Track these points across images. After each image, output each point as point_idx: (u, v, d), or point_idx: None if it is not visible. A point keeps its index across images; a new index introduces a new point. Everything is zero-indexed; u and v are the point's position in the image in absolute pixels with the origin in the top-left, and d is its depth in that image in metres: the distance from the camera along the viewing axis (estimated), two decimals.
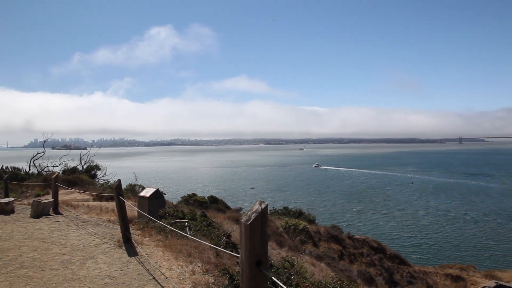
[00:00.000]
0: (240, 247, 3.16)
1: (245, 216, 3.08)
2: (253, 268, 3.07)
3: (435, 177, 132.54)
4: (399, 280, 23.82)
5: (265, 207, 3.07)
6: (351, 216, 67.55)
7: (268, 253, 3.23)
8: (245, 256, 3.07)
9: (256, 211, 3.04)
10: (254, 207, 3.10)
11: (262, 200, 3.12)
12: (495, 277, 23.90)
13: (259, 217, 3.01)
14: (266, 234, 3.05)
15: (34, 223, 10.74)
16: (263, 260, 3.08)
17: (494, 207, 74.04)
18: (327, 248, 21.50)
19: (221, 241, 7.32)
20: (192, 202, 26.25)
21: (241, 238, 3.09)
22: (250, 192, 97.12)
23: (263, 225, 3.04)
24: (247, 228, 3.00)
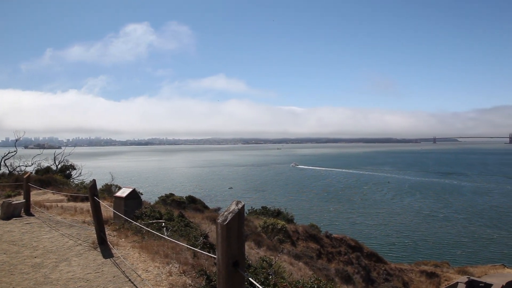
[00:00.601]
0: (216, 248, 3.12)
1: (221, 217, 3.04)
2: (230, 269, 3.03)
3: (411, 176, 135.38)
4: (376, 277, 24.16)
5: (242, 207, 3.04)
6: (329, 215, 68.28)
7: (245, 254, 3.20)
8: (222, 257, 3.03)
9: (233, 211, 3.01)
10: (231, 207, 3.07)
11: (238, 200, 3.09)
12: (467, 272, 24.56)
13: (236, 218, 2.98)
14: (243, 234, 3.02)
15: (4, 225, 10.36)
16: (240, 260, 3.05)
17: (467, 206, 76.19)
18: (305, 247, 21.63)
19: (198, 241, 7.25)
20: (170, 202, 25.96)
21: (218, 239, 3.06)
22: (228, 192, 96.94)
23: (240, 225, 3.01)
24: (223, 228, 2.96)
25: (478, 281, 20.06)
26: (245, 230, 18.59)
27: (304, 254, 17.26)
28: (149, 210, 11.09)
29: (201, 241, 7.20)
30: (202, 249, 6.73)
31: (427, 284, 25.63)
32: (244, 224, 11.70)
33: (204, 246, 6.99)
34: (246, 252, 11.92)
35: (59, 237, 9.00)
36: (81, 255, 7.51)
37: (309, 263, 15.78)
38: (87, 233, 9.35)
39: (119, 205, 10.80)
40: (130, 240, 8.44)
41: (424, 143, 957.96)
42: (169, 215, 11.32)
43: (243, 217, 3.08)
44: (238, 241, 3.04)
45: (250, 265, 5.90)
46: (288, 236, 21.25)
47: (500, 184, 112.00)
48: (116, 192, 12.00)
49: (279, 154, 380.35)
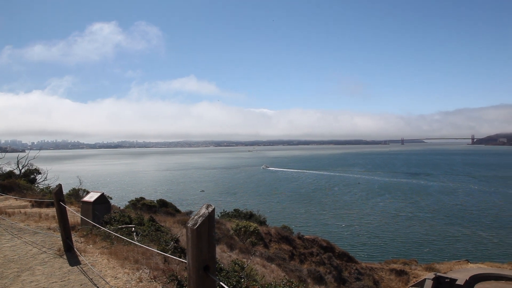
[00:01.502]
0: (187, 252, 3.05)
1: (191, 221, 2.98)
2: (200, 273, 2.97)
3: (380, 177, 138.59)
4: (348, 277, 24.49)
5: (212, 210, 2.99)
6: (301, 216, 68.87)
7: (216, 258, 3.15)
8: (192, 261, 2.97)
9: (203, 215, 2.95)
10: (201, 211, 3.01)
11: (209, 203, 3.04)
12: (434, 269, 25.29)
13: (206, 221, 2.93)
14: (213, 238, 2.97)
15: None
16: (211, 265, 3.00)
17: (434, 205, 78.70)
18: (278, 249, 21.69)
19: (169, 246, 7.12)
20: (140, 206, 25.47)
21: (188, 243, 2.99)
22: (200, 195, 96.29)
23: (210, 229, 2.96)
24: (193, 232, 2.90)
25: (444, 276, 20.78)
26: (217, 233, 18.40)
27: (277, 256, 17.30)
28: (118, 214, 10.82)
29: (171, 246, 7.08)
30: (173, 254, 6.62)
31: (397, 281, 26.22)
32: (216, 227, 11.63)
33: (175, 251, 6.87)
34: (218, 256, 11.83)
35: (21, 245, 8.63)
36: (46, 263, 7.22)
37: (282, 264, 15.82)
38: (52, 240, 9.01)
39: (87, 210, 10.47)
40: (98, 246, 8.20)
41: (393, 145, 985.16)
42: (139, 219, 11.09)
43: (214, 220, 3.03)
44: (209, 245, 2.99)
45: (222, 269, 5.84)
46: (260, 238, 21.25)
47: (464, 184, 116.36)
48: (84, 197, 11.63)
49: (251, 156, 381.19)
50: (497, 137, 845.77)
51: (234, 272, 5.91)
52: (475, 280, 21.35)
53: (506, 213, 69.54)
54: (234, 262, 6.48)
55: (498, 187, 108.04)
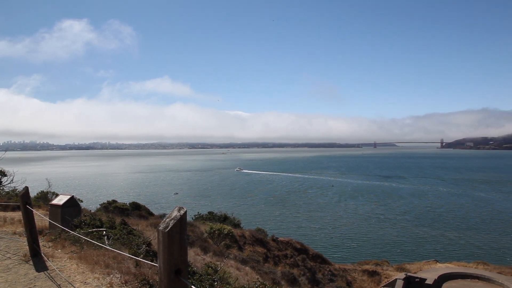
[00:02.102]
0: (158, 256, 3.00)
1: (163, 223, 2.93)
2: (172, 277, 2.93)
3: (353, 180, 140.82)
4: (321, 278, 24.70)
5: (184, 213, 2.95)
6: (275, 219, 69.11)
7: (187, 261, 3.11)
8: (163, 265, 2.92)
9: (175, 217, 2.91)
10: (173, 213, 2.97)
11: (181, 206, 2.99)
12: (405, 269, 25.86)
13: (178, 224, 2.89)
14: (185, 241, 2.93)
15: None
16: (183, 268, 2.96)
17: (405, 207, 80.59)
18: (252, 252, 21.66)
19: (140, 249, 6.98)
20: (112, 209, 24.95)
21: (159, 247, 2.94)
22: (173, 198, 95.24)
23: (182, 232, 2.92)
24: (165, 235, 2.85)
25: (414, 276, 21.30)
26: (191, 236, 18.21)
27: (251, 259, 17.28)
28: (89, 218, 10.54)
29: (143, 249, 6.95)
30: (145, 258, 6.50)
31: (369, 282, 26.64)
32: (190, 230, 11.55)
33: (147, 254, 6.75)
34: (192, 259, 11.71)
35: None
36: (10, 269, 6.94)
37: (256, 267, 15.81)
38: (18, 245, 8.67)
39: (56, 214, 10.15)
40: (67, 251, 7.96)
41: (366, 148, 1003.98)
42: (110, 222, 10.84)
43: (186, 223, 2.99)
44: (181, 248, 2.95)
45: (195, 272, 5.78)
46: (235, 241, 21.18)
47: (434, 186, 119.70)
48: (53, 200, 11.26)
49: (225, 159, 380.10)
50: (464, 141, 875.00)
51: (207, 275, 5.86)
52: (443, 279, 21.99)
53: (473, 215, 71.99)
54: (207, 265, 6.42)
55: (465, 189, 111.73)
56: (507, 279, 21.39)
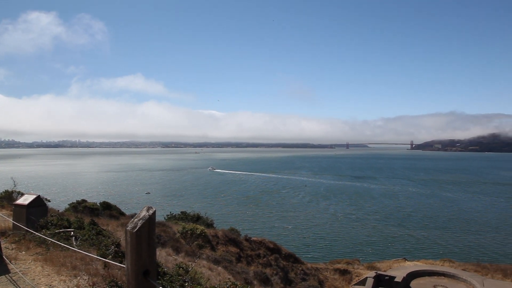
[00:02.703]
0: (125, 257, 2.93)
1: (131, 224, 2.86)
2: (139, 279, 2.86)
3: (326, 180, 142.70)
4: (294, 278, 24.86)
5: (153, 213, 2.89)
6: (248, 219, 69.17)
7: (156, 262, 3.05)
8: (131, 266, 2.85)
9: (143, 217, 2.85)
10: (141, 213, 2.90)
11: (150, 206, 2.93)
12: (375, 268, 26.35)
13: (146, 224, 2.82)
14: (154, 242, 2.87)
15: None
16: (151, 269, 2.90)
17: (376, 207, 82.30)
18: (225, 252, 21.57)
19: (109, 250, 6.82)
20: (82, 209, 24.28)
21: (127, 247, 2.87)
22: (145, 197, 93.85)
23: (151, 232, 2.86)
24: (133, 236, 2.79)
25: (384, 274, 21.79)
26: (163, 237, 17.97)
27: (224, 259, 17.21)
28: (56, 218, 10.22)
29: (112, 250, 6.78)
30: (114, 259, 6.35)
31: (340, 281, 27.01)
32: (162, 230, 11.36)
33: (116, 255, 6.59)
34: (163, 260, 11.54)
35: None
36: None
37: (229, 267, 15.75)
38: None
39: (20, 214, 9.78)
40: (32, 253, 7.67)
41: (338, 149, 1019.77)
42: (79, 223, 10.55)
43: (154, 223, 2.93)
44: (149, 249, 2.89)
45: (166, 273, 5.69)
46: (207, 241, 21.03)
47: (404, 187, 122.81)
48: (17, 200, 10.85)
49: (198, 158, 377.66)
50: (433, 143, 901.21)
51: (178, 276, 5.78)
52: (412, 276, 22.59)
53: (440, 214, 74.31)
54: (178, 266, 6.33)
55: (434, 190, 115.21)
56: (471, 275, 22.18)
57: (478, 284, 20.30)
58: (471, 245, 53.10)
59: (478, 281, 20.84)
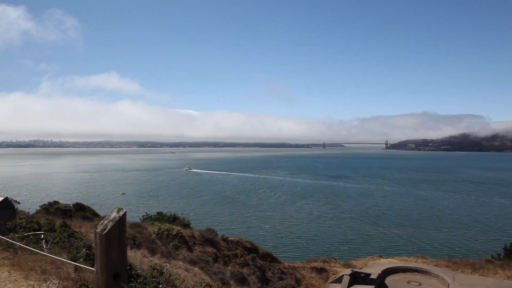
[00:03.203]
0: (95, 259, 2.83)
1: (100, 225, 2.76)
2: (110, 282, 2.77)
3: (303, 179, 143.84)
4: (271, 277, 24.91)
5: (124, 214, 2.80)
6: (225, 218, 68.98)
7: (127, 265, 2.96)
8: (101, 269, 2.75)
9: (113, 219, 2.76)
10: (111, 215, 2.81)
11: (120, 207, 2.84)
12: (351, 265, 26.68)
13: (117, 226, 2.73)
14: (124, 244, 2.78)
15: None
16: (122, 272, 2.81)
17: (352, 206, 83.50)
18: (202, 252, 21.41)
19: (80, 253, 6.61)
20: (54, 211, 23.67)
21: (96, 250, 2.77)
22: (121, 198, 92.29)
23: (121, 234, 2.77)
24: (102, 238, 2.69)
25: (360, 272, 22.12)
26: (138, 238, 17.65)
27: (200, 259, 17.06)
28: (25, 221, 9.88)
29: (83, 253, 6.58)
30: (85, 262, 6.16)
31: (317, 279, 27.22)
32: (138, 231, 11.13)
33: (87, 258, 6.40)
34: (138, 261, 11.33)
35: None
36: None
37: (205, 267, 15.63)
38: None
39: None
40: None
41: (315, 148, 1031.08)
42: (50, 225, 10.23)
43: (125, 225, 2.84)
44: (120, 251, 2.80)
45: (139, 275, 5.56)
46: (184, 241, 20.83)
47: (379, 185, 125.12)
48: None
49: (174, 158, 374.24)
50: (407, 142, 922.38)
51: (152, 278, 5.66)
52: (386, 273, 23.01)
53: (414, 212, 76.08)
54: (153, 267, 6.21)
55: (408, 188, 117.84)
56: (442, 271, 22.78)
57: (449, 279, 20.86)
58: (443, 241, 54.59)
59: (449, 276, 21.42)
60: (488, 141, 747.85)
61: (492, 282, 20.52)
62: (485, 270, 23.51)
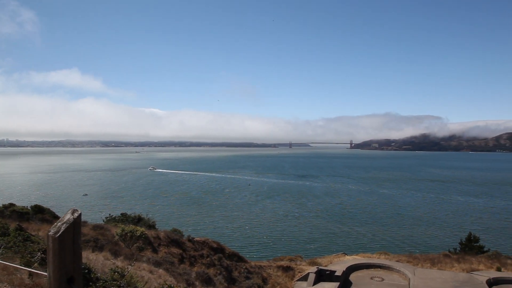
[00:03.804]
0: (47, 263, 2.67)
1: (53, 228, 2.61)
2: (63, 287, 2.62)
3: (270, 179, 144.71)
4: (238, 276, 24.85)
5: (78, 216, 2.67)
6: (191, 219, 68.35)
7: (81, 268, 2.81)
8: (54, 274, 2.61)
9: (67, 221, 2.61)
10: (65, 217, 2.66)
11: (75, 208, 2.70)
12: (316, 263, 27.05)
13: (71, 229, 2.59)
14: (79, 247, 2.64)
15: None
16: (76, 276, 2.67)
17: (318, 205, 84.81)
18: (167, 253, 21.07)
19: (35, 257, 6.29)
20: (9, 214, 22.55)
21: (49, 254, 2.62)
22: (82, 199, 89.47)
23: (76, 237, 2.63)
24: (55, 241, 2.55)
25: (325, 269, 22.48)
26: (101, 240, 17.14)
27: (165, 260, 16.78)
28: None
29: (38, 257, 6.27)
30: (40, 266, 5.87)
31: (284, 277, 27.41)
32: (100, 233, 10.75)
33: (42, 263, 6.10)
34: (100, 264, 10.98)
35: None
36: None
37: (170, 269, 15.37)
38: None
39: None
40: None
41: (282, 148, 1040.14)
42: (3, 229, 9.72)
43: (80, 227, 2.70)
44: (74, 255, 2.66)
45: (99, 279, 5.35)
46: (149, 242, 20.42)
47: (344, 184, 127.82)
48: None
49: (139, 158, 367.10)
50: (371, 142, 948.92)
51: (113, 281, 5.47)
52: (351, 270, 23.50)
53: (378, 210, 78.30)
54: (113, 270, 5.99)
55: (372, 187, 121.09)
56: (403, 266, 23.56)
57: (410, 273, 21.59)
58: (405, 238, 56.48)
59: (410, 270, 22.17)
60: (446, 141, 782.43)
61: (449, 275, 21.45)
62: (442, 264, 24.51)
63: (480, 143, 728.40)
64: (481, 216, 73.43)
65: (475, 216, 72.97)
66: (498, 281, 20.67)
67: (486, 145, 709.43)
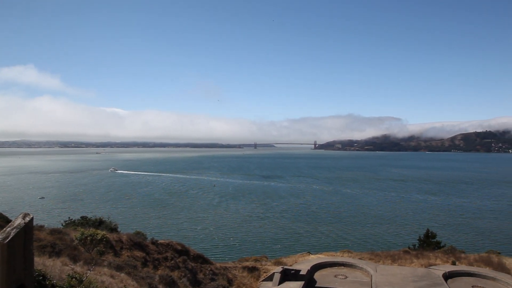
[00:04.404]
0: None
1: (2, 233, 2.47)
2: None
3: (235, 180, 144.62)
4: (203, 278, 24.63)
5: (30, 220, 2.53)
6: (155, 221, 67.22)
7: (33, 275, 2.68)
8: (2, 282, 2.46)
9: (18, 226, 2.47)
10: (16, 221, 2.52)
11: (27, 212, 2.56)
12: (282, 263, 27.27)
13: (21, 234, 2.46)
14: (31, 253, 2.50)
15: None
16: (27, 284, 2.53)
17: (283, 205, 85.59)
18: (129, 257, 20.57)
19: None
20: None
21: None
22: (39, 203, 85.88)
23: (27, 242, 2.49)
24: (4, 248, 2.40)
25: (290, 269, 22.72)
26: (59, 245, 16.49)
27: (127, 264, 16.37)
28: None
29: None
30: None
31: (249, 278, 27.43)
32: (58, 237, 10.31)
33: None
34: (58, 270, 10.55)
35: None
36: None
37: (132, 273, 15.01)
38: None
39: None
40: None
41: (246, 148, 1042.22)
42: None
43: (32, 232, 2.57)
44: (25, 261, 2.52)
45: (55, 285, 5.13)
46: (110, 246, 19.85)
47: (309, 185, 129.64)
48: None
49: (99, 159, 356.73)
50: (334, 143, 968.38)
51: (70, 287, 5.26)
52: (315, 268, 23.89)
53: (342, 209, 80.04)
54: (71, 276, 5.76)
55: (336, 187, 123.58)
56: (366, 263, 24.21)
57: (372, 270, 22.24)
58: (367, 236, 58.08)
59: (372, 267, 22.83)
60: (406, 141, 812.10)
61: (408, 270, 22.30)
62: (402, 260, 25.37)
63: (437, 143, 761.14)
64: (438, 213, 76.74)
65: (432, 213, 76.17)
66: (453, 274, 21.74)
67: (442, 145, 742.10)
